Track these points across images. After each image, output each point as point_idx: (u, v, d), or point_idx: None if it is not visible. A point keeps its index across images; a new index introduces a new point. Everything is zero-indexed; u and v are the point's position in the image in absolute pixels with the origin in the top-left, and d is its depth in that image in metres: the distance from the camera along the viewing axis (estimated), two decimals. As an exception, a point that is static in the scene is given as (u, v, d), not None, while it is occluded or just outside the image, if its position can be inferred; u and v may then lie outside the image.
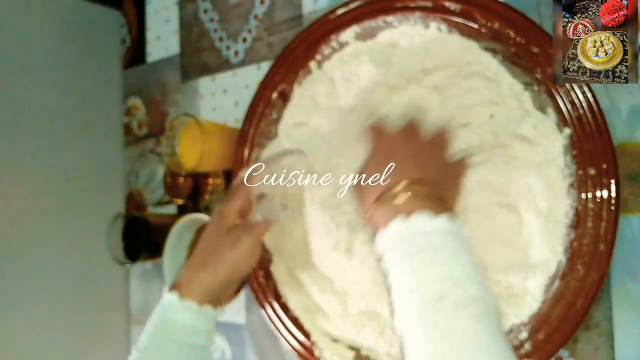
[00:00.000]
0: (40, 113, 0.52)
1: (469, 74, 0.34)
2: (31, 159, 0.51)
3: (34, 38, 0.53)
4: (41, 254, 0.50)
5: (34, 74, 0.52)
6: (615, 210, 0.30)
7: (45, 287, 0.50)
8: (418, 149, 0.29)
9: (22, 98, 0.51)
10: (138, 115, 0.58)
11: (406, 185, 0.26)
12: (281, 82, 0.41)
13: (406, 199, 0.26)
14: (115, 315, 0.56)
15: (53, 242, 0.51)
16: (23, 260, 0.49)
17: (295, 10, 0.46)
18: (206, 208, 0.50)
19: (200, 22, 0.53)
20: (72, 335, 0.52)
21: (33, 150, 0.51)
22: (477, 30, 0.34)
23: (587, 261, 0.30)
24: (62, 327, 0.51)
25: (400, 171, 0.27)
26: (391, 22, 0.37)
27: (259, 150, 0.42)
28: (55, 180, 0.52)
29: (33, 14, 0.53)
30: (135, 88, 0.58)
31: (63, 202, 0.52)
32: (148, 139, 0.57)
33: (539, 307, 0.31)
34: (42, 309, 0.50)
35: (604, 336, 0.32)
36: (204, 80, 0.52)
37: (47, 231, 0.51)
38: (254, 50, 0.49)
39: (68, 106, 0.55)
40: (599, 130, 0.30)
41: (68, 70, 0.55)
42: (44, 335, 0.50)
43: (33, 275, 0.49)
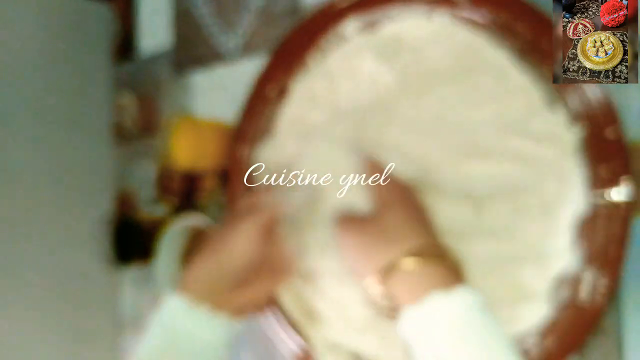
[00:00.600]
0: (26, 111, 0.51)
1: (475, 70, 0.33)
2: (16, 158, 0.49)
3: (19, 32, 0.51)
4: (27, 257, 0.48)
5: (20, 70, 0.51)
6: (627, 211, 0.29)
7: (30, 292, 0.49)
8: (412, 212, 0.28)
9: (7, 95, 0.49)
10: (129, 112, 0.56)
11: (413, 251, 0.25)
12: (279, 77, 0.40)
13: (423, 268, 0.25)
14: (104, 321, 0.54)
15: (39, 244, 0.50)
16: (6, 264, 0.47)
17: (294, 2, 0.45)
18: (201, 209, 0.49)
19: (195, 15, 0.52)
20: (59, 341, 0.50)
21: (18, 148, 0.49)
22: (483, 24, 0.33)
23: (598, 264, 0.30)
24: (47, 332, 0.50)
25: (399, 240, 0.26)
26: (394, 15, 0.36)
27: (256, 149, 0.41)
28: (41, 179, 0.51)
29: (18, 8, 0.51)
30: (126, 84, 0.57)
31: (50, 202, 0.51)
32: (140, 136, 0.55)
33: (548, 312, 0.31)
34: (27, 314, 0.48)
35: (614, 342, 0.31)
36: (198, 76, 0.51)
37: (33, 233, 0.49)
38: (251, 44, 0.47)
39: (56, 103, 0.53)
40: (611, 127, 0.30)
41: (56, 66, 0.53)
42: (29, 341, 0.48)
43: (17, 279, 0.48)
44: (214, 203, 0.48)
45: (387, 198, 0.29)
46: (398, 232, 0.27)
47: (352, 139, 0.35)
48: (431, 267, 0.25)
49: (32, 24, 0.52)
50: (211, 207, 0.48)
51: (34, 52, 0.52)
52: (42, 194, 0.51)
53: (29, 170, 0.50)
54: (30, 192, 0.50)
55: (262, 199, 0.33)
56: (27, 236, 0.49)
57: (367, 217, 0.30)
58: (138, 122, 0.56)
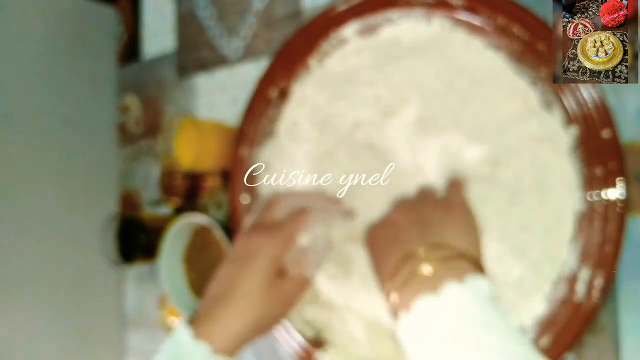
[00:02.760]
0: (33, 111, 0.51)
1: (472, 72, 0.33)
2: (23, 158, 0.50)
3: (27, 34, 0.52)
4: (33, 256, 0.49)
5: (27, 71, 0.51)
6: (622, 211, 0.29)
7: (36, 290, 0.49)
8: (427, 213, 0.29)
9: (15, 96, 0.50)
10: (133, 114, 0.57)
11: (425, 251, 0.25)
12: (280, 80, 0.40)
13: (428, 270, 0.25)
14: (108, 319, 0.55)
15: (45, 243, 0.50)
16: (13, 262, 0.48)
17: (295, 5, 0.45)
18: (203, 208, 0.50)
19: (198, 18, 0.52)
20: (65, 339, 0.51)
21: (25, 149, 0.50)
22: (480, 27, 0.33)
23: (594, 263, 0.30)
24: (53, 330, 0.50)
25: (409, 240, 0.27)
26: (393, 18, 0.36)
27: (257, 150, 0.42)
28: (47, 179, 0.52)
29: (26, 11, 0.52)
30: (130, 85, 0.58)
31: (55, 202, 0.52)
32: (144, 137, 0.56)
33: (544, 310, 0.31)
34: (33, 312, 0.49)
35: (610, 339, 0.32)
36: (201, 78, 0.51)
37: (39, 232, 0.50)
38: (253, 47, 0.48)
39: (62, 104, 0.54)
40: (606, 128, 0.30)
41: (62, 68, 0.54)
42: (35, 338, 0.49)
43: (24, 277, 0.48)
44: (216, 202, 0.49)
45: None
46: (411, 231, 0.27)
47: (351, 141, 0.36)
48: (448, 261, 0.25)
49: (39, 28, 0.53)
50: (213, 206, 0.49)
51: (40, 54, 0.53)
52: (47, 194, 0.51)
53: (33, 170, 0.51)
54: (35, 192, 0.50)
55: (276, 220, 0.32)
56: (33, 235, 0.50)
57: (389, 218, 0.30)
58: (142, 123, 0.56)
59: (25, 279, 0.49)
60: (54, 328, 0.50)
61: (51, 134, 0.53)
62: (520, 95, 0.32)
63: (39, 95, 0.52)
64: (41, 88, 0.53)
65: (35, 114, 0.52)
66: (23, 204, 0.49)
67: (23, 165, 0.50)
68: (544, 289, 0.31)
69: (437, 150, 0.33)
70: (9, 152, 0.49)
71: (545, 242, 0.31)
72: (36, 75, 0.52)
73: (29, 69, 0.52)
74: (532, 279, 0.31)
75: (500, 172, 0.32)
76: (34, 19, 0.53)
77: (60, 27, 0.55)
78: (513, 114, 0.32)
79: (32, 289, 0.49)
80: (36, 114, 0.52)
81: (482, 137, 0.32)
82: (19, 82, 0.51)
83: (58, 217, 0.52)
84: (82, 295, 0.53)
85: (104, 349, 0.54)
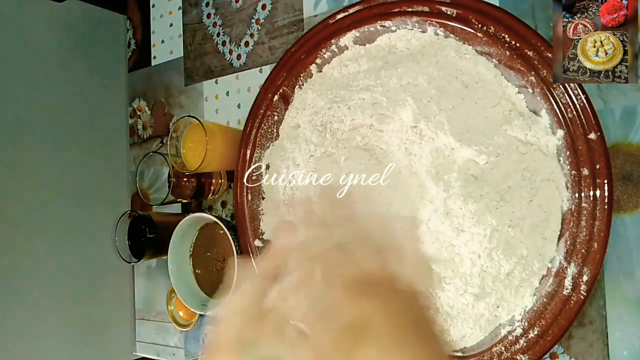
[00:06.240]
0: (47, 115, 0.53)
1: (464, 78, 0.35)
2: (39, 160, 0.52)
3: (41, 42, 0.54)
4: (48, 252, 0.51)
5: (42, 77, 0.53)
6: (608, 210, 0.30)
7: (52, 284, 0.51)
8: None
9: (30, 101, 0.52)
10: (143, 117, 0.59)
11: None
12: (282, 85, 0.42)
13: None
14: (121, 312, 0.57)
15: (60, 240, 0.52)
16: (31, 259, 0.50)
17: (296, 14, 0.47)
18: (209, 207, 0.51)
19: (204, 26, 0.54)
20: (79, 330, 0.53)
21: (41, 151, 0.52)
22: (473, 35, 0.35)
23: (581, 259, 0.31)
24: (68, 322, 0.52)
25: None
26: (389, 27, 0.38)
27: (261, 151, 0.43)
28: (62, 180, 0.54)
29: (40, 19, 0.54)
30: (140, 90, 0.59)
31: (70, 201, 0.54)
32: (153, 140, 0.58)
33: (534, 304, 0.32)
34: (49, 305, 0.51)
35: (598, 333, 0.33)
36: (207, 83, 0.53)
37: (54, 230, 0.52)
38: (256, 54, 0.50)
39: (75, 108, 0.56)
40: (593, 131, 0.31)
41: (75, 73, 0.56)
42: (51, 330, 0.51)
43: (40, 273, 0.50)
44: (222, 202, 0.51)
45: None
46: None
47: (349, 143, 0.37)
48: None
49: (53, 35, 0.55)
50: (219, 205, 0.51)
51: (55, 62, 0.55)
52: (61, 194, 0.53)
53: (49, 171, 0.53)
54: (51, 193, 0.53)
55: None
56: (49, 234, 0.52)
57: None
58: (151, 126, 0.58)
59: (41, 274, 0.51)
60: (69, 319, 0.52)
61: (65, 137, 0.55)
62: (509, 99, 0.34)
63: (54, 100, 0.54)
64: (55, 94, 0.55)
65: (50, 118, 0.54)
66: (39, 203, 0.52)
67: (39, 166, 0.52)
68: (533, 284, 0.32)
69: (431, 151, 0.34)
70: (27, 155, 0.51)
71: (534, 239, 0.32)
72: (51, 81, 0.54)
73: (44, 76, 0.54)
74: (522, 274, 0.32)
75: (490, 173, 0.33)
76: (47, 28, 0.55)
77: (73, 34, 0.57)
78: (503, 117, 0.33)
79: (47, 284, 0.51)
80: (50, 118, 0.54)
81: (473, 139, 0.33)
82: (34, 89, 0.53)
83: (73, 215, 0.54)
84: (95, 289, 0.55)
85: (116, 339, 0.56)
